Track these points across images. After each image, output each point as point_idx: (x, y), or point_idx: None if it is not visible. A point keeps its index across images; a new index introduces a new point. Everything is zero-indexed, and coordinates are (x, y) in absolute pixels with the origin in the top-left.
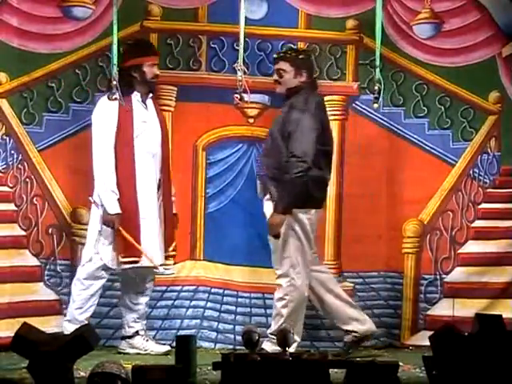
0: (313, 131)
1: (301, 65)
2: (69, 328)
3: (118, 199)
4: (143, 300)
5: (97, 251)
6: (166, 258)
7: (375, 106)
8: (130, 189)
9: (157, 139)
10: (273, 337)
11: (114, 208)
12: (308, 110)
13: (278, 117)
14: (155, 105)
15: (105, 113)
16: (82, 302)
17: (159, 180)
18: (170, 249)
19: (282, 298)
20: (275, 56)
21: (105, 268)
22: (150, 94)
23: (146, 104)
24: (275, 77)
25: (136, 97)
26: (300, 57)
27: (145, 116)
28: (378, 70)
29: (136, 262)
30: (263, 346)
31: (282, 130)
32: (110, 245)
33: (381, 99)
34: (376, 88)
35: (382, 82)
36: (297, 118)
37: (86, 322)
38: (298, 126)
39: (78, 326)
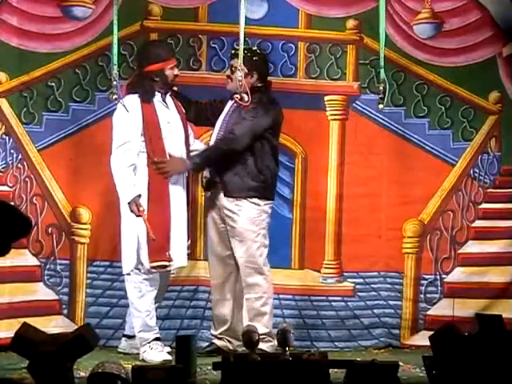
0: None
1: (252, 66)
2: (147, 337)
3: (149, 203)
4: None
5: (137, 256)
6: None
7: (380, 106)
8: (164, 193)
9: (181, 137)
10: (263, 337)
11: (129, 194)
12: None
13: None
14: (174, 101)
15: (125, 115)
16: (147, 308)
17: (186, 178)
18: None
19: (260, 297)
20: (232, 52)
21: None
22: (169, 92)
23: (166, 103)
24: (228, 72)
25: (157, 97)
26: (254, 58)
27: (168, 116)
28: (382, 70)
29: (165, 266)
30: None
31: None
32: (145, 249)
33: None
34: (381, 88)
35: (387, 82)
36: (246, 112)
37: (157, 328)
38: (246, 118)
39: (153, 332)
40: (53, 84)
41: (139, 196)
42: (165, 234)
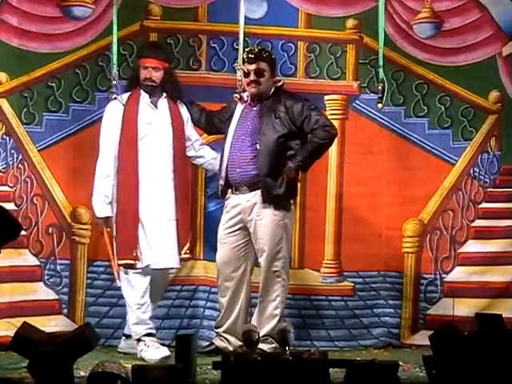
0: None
1: (274, 66)
2: (139, 331)
3: (118, 202)
4: (154, 306)
5: None
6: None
7: (379, 106)
8: (132, 192)
9: (166, 141)
10: (266, 338)
11: (101, 211)
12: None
13: (266, 122)
14: (171, 106)
15: (110, 115)
16: (138, 301)
17: (173, 182)
18: (182, 251)
19: (274, 300)
20: (251, 56)
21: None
22: (164, 94)
23: (156, 105)
24: (253, 77)
25: (144, 98)
26: (273, 57)
27: (151, 118)
28: (381, 69)
29: (131, 265)
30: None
31: (289, 126)
32: None
33: (384, 99)
34: (380, 88)
35: (386, 82)
36: (301, 108)
37: (151, 323)
38: (308, 110)
39: (146, 327)
40: (53, 84)
41: (109, 217)
42: (132, 233)
